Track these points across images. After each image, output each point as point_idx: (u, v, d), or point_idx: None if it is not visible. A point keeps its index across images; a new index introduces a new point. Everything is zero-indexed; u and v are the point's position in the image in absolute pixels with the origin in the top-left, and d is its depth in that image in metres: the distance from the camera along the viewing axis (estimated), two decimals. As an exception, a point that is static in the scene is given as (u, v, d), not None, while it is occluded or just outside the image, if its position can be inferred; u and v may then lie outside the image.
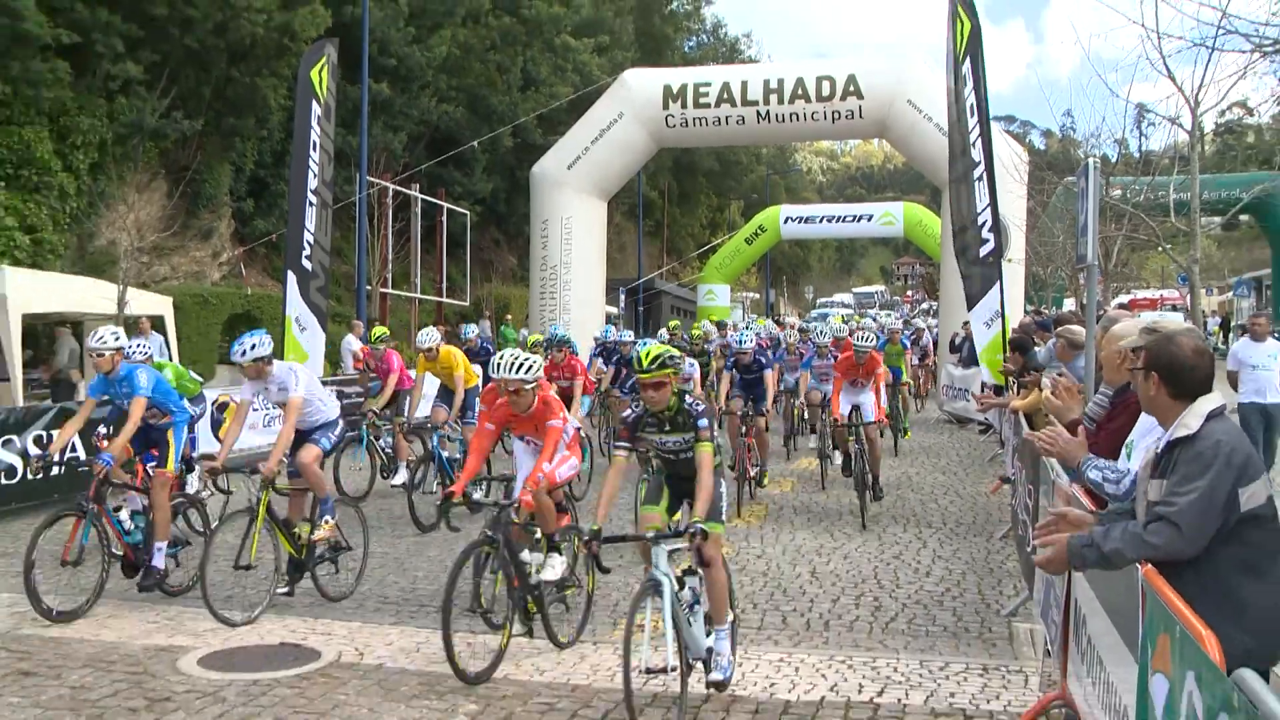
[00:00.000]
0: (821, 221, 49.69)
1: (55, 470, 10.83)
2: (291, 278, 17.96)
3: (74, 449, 12.07)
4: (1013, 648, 7.56)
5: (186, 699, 6.46)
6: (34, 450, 12.08)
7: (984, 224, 16.40)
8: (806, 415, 17.24)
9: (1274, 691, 2.52)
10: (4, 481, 12.34)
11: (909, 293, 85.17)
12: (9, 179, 22.17)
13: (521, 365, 7.74)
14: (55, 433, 11.90)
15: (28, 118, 22.63)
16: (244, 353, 8.71)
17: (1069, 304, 29.96)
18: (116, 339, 9.05)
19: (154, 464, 9.24)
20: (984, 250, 16.48)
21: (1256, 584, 3.84)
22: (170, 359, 19.16)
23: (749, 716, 6.21)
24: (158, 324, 19.44)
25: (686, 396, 6.57)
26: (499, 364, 7.78)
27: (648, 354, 6.41)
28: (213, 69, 27.06)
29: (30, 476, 12.20)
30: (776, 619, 8.41)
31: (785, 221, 47.30)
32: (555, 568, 7.68)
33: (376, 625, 8.01)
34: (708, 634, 6.32)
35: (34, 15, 21.52)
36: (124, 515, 8.93)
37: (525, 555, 7.47)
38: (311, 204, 18.30)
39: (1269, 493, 3.89)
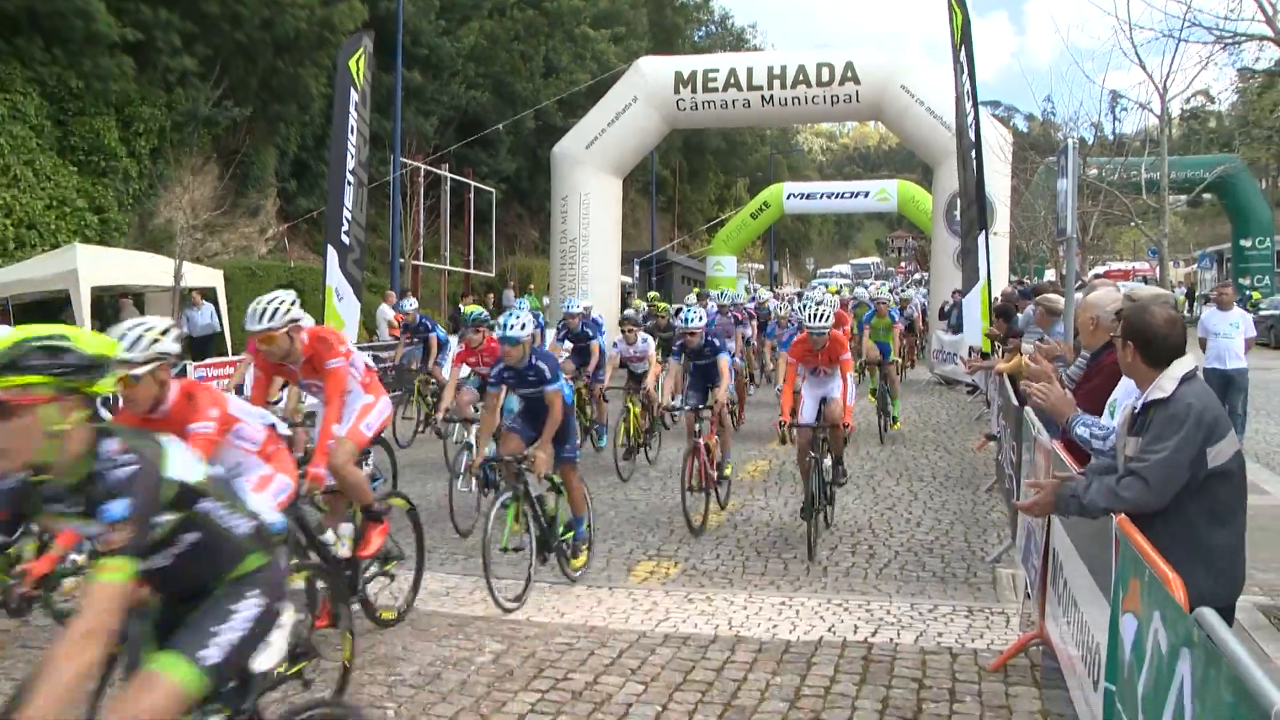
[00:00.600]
0: (821, 198, 49.43)
1: None
2: (331, 251, 17.98)
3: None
4: (996, 591, 7.59)
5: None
6: None
7: (971, 202, 16.37)
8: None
9: (1231, 631, 2.55)
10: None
11: (902, 264, 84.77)
12: (80, 164, 22.35)
13: (265, 313, 6.44)
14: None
15: (97, 109, 22.80)
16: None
17: (1049, 274, 29.84)
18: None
19: None
20: (972, 224, 16.45)
21: (1220, 532, 3.88)
22: (221, 327, 19.32)
23: (752, 655, 6.24)
24: (210, 295, 19.52)
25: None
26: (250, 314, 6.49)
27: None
28: (260, 60, 27.01)
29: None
30: (779, 565, 8.44)
31: (788, 198, 47.04)
32: (344, 541, 6.58)
33: (409, 570, 7.42)
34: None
35: (104, 16, 21.72)
36: None
37: (328, 535, 6.49)
38: (349, 183, 18.30)
39: (1235, 449, 3.91)
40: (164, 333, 5.08)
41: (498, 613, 7.05)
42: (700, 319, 10.36)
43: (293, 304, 6.62)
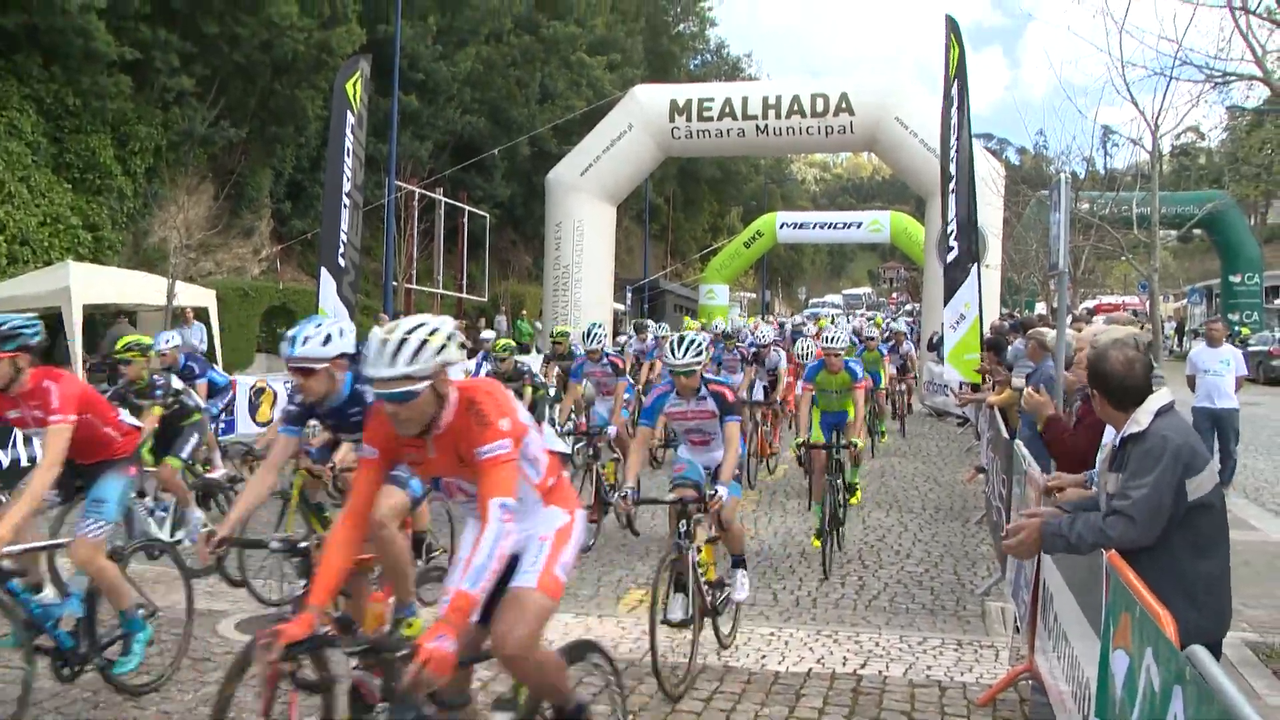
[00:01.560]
0: (814, 228, 49.62)
1: None
2: (325, 274, 17.98)
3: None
4: (985, 624, 7.58)
5: (225, 660, 6.50)
6: None
7: (951, 233, 16.44)
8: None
9: (1220, 667, 2.55)
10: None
11: (894, 295, 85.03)
12: (75, 182, 22.33)
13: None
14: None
15: (94, 127, 22.82)
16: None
17: (1040, 307, 29.95)
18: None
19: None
20: (949, 256, 16.50)
21: (1205, 564, 3.89)
22: (211, 347, 19.26)
23: (742, 686, 6.22)
24: (201, 314, 19.50)
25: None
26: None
27: None
28: (257, 81, 27.08)
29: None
30: (768, 596, 8.42)
31: (781, 227, 47.20)
32: None
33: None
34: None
35: (103, 35, 21.72)
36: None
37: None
38: (345, 205, 18.31)
39: (1215, 482, 3.92)
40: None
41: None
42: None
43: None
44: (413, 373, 3.58)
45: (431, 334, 3.64)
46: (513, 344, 12.05)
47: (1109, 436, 4.79)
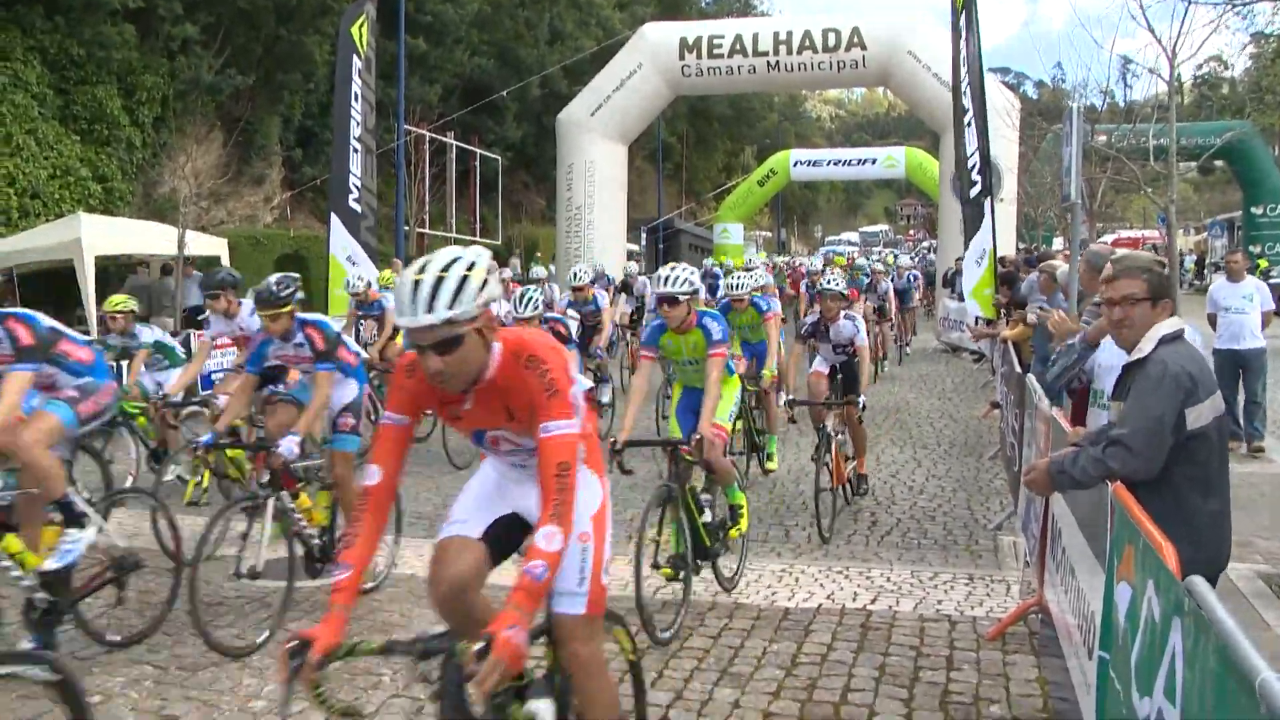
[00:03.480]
0: (828, 165, 49.15)
1: None
2: (335, 219, 17.96)
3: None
4: (997, 559, 7.57)
5: (237, 604, 6.55)
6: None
7: (973, 167, 16.20)
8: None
9: (1218, 597, 2.53)
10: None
11: (911, 231, 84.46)
12: (83, 134, 22.32)
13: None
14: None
15: (99, 77, 22.74)
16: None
17: (1058, 242, 29.69)
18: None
19: None
20: (973, 191, 16.28)
21: (1204, 499, 3.82)
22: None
23: (750, 622, 6.23)
24: (213, 264, 19.47)
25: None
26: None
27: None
28: (262, 28, 26.90)
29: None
30: (780, 533, 8.43)
31: (794, 165, 46.77)
32: None
33: (409, 539, 7.48)
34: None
35: (104, -17, 21.56)
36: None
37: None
38: (355, 150, 18.26)
39: (1216, 414, 3.84)
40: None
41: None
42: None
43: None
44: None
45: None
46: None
47: (1114, 359, 4.72)
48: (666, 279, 6.72)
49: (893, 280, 21.58)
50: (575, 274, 13.49)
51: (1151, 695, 2.84)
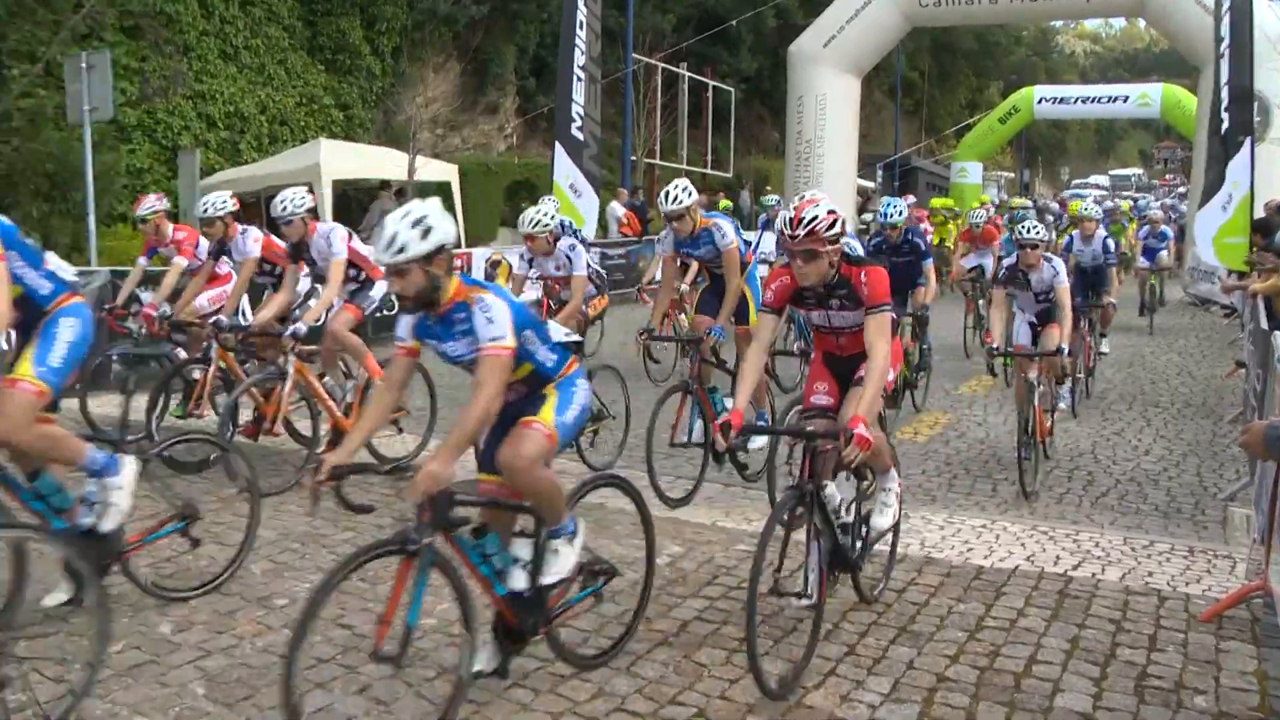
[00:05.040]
0: (1076, 102, 46.09)
1: None
2: (559, 147, 18.12)
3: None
4: (1225, 532, 6.90)
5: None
6: None
7: (1222, 102, 14.76)
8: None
9: None
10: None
11: (1167, 176, 78.93)
12: (328, 63, 23.36)
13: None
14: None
15: (343, 9, 23.65)
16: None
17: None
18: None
19: None
20: (1223, 127, 14.84)
21: None
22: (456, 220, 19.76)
23: (939, 579, 5.87)
24: (445, 189, 19.91)
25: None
26: None
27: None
28: (498, -43, 27.28)
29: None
30: (987, 486, 8.00)
31: (1039, 102, 44.18)
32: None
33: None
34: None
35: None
36: None
37: None
38: (579, 79, 18.31)
39: None
40: None
41: (676, 514, 6.94)
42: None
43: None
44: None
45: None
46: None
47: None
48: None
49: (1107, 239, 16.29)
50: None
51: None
